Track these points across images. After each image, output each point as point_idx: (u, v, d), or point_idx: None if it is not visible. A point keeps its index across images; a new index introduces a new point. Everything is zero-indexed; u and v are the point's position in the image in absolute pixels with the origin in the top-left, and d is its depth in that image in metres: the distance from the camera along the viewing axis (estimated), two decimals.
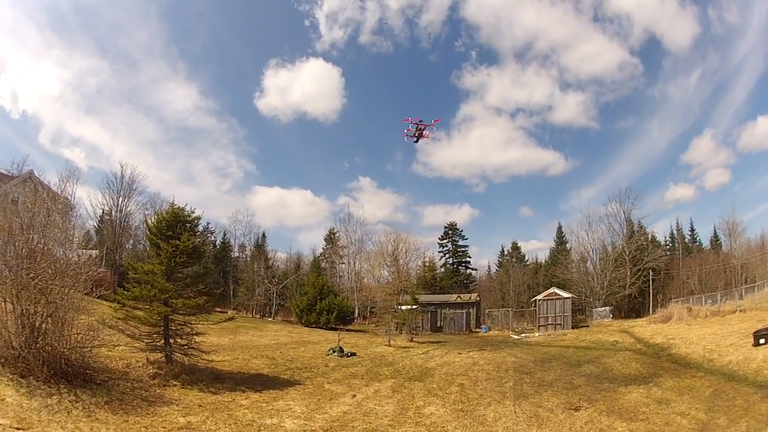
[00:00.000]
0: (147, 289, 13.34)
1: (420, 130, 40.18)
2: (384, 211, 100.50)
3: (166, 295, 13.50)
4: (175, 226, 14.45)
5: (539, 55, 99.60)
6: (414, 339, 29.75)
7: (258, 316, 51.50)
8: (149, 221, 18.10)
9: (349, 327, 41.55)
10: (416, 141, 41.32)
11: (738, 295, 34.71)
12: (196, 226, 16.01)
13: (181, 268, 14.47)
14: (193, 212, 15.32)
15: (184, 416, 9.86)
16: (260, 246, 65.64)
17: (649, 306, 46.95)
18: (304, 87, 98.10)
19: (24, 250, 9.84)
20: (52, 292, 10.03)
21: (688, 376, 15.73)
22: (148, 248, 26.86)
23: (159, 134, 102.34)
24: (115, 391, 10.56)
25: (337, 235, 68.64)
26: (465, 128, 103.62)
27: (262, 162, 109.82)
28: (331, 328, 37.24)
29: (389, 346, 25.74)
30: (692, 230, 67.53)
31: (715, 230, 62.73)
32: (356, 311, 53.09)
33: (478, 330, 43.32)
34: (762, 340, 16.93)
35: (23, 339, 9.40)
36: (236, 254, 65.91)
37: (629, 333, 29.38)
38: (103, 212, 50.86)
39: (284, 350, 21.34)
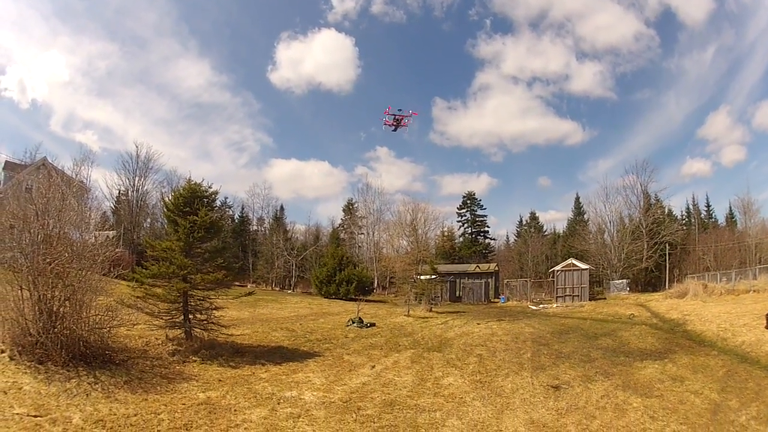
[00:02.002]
0: (165, 266, 13.44)
1: (398, 120, 40.55)
2: (402, 180, 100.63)
3: (185, 271, 13.55)
4: (193, 202, 14.48)
5: (554, 24, 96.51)
6: (433, 309, 29.90)
7: (277, 289, 52.34)
8: (166, 199, 18.17)
9: (368, 298, 41.91)
10: (394, 130, 42.10)
11: (752, 274, 33.98)
12: (214, 201, 15.99)
13: (200, 243, 14.49)
14: (210, 187, 15.27)
15: (203, 392, 10.03)
16: (279, 218, 66.18)
17: (665, 280, 46.41)
18: (317, 58, 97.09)
19: (39, 236, 9.90)
20: (70, 275, 10.10)
21: (702, 354, 15.55)
22: (165, 226, 27.15)
23: (173, 112, 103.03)
24: (134, 370, 10.73)
25: (356, 205, 68.90)
26: (481, 97, 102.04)
27: (278, 135, 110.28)
28: (351, 299, 37.58)
29: (408, 316, 25.92)
30: (708, 206, 66.51)
31: (730, 207, 61.55)
32: (375, 282, 53.57)
33: (496, 300, 43.37)
34: None
35: (41, 325, 9.49)
36: (255, 228, 66.55)
37: (645, 307, 28.99)
38: (119, 192, 51.30)
39: (304, 322, 21.55)
